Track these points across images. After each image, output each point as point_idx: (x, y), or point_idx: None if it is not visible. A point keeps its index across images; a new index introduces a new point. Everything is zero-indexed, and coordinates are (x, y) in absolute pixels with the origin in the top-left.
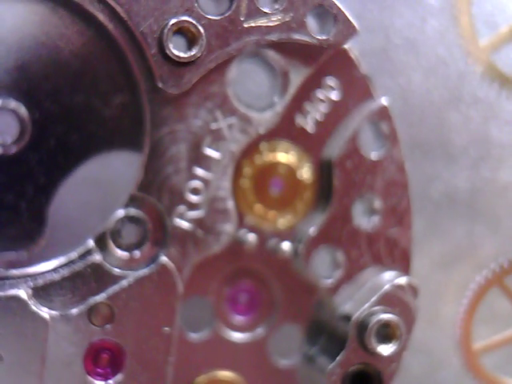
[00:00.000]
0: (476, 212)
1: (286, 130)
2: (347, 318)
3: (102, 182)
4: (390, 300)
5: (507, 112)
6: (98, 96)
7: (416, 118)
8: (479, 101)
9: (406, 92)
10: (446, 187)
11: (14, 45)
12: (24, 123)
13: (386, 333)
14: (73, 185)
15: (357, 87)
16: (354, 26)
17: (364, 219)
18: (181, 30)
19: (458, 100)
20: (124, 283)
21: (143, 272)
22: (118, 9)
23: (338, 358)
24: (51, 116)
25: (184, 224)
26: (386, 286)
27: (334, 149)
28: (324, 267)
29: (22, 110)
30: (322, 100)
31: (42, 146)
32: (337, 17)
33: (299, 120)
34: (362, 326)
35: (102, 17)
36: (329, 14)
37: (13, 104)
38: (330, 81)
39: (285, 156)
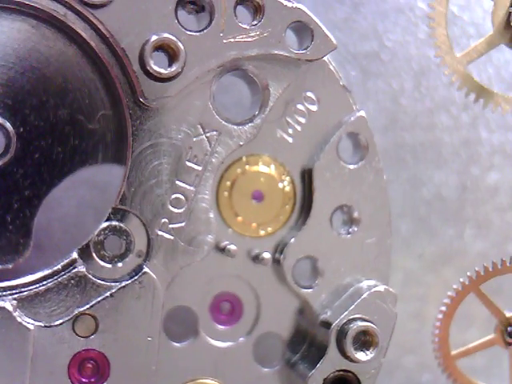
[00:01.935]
0: (466, 213)
1: (266, 141)
2: (327, 325)
3: (86, 195)
4: (369, 308)
5: (497, 115)
6: (81, 110)
7: (408, 121)
8: (470, 104)
9: (398, 95)
10: (437, 189)
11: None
12: (9, 137)
13: (365, 340)
14: (57, 197)
15: (336, 99)
16: (332, 41)
17: (344, 228)
18: (161, 47)
19: (449, 103)
20: (107, 294)
21: (126, 283)
22: (100, 26)
23: (318, 365)
24: (36, 130)
25: (166, 235)
26: (365, 294)
27: (313, 159)
28: (305, 276)
29: (7, 125)
30: (301, 111)
31: (26, 160)
32: (314, 32)
33: (279, 131)
34: (341, 334)
35: (84, 34)
36: (307, 29)
37: None
38: (310, 93)
39: (266, 168)
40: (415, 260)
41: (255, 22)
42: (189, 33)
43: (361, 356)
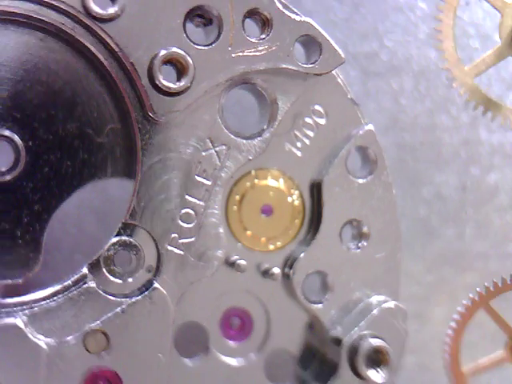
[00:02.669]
0: (466, 213)
1: (275, 155)
2: (337, 341)
3: (96, 209)
4: (379, 324)
5: None
6: (89, 124)
7: (408, 121)
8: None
9: (398, 95)
10: (437, 189)
11: (8, 75)
12: (18, 151)
13: (377, 357)
14: (67, 212)
15: (344, 112)
16: (340, 55)
17: (353, 243)
18: (170, 61)
19: (449, 103)
20: (118, 310)
21: (137, 299)
22: (109, 40)
23: (329, 382)
24: (45, 144)
25: (176, 251)
26: (375, 311)
27: (322, 173)
28: (314, 290)
29: (16, 139)
30: (310, 125)
31: (36, 174)
32: (323, 46)
33: (288, 145)
34: (353, 351)
35: (92, 47)
36: (315, 43)
37: (7, 133)
38: (318, 106)
39: (275, 182)
40: (415, 260)
41: (263, 36)
42: (197, 47)
43: (372, 374)
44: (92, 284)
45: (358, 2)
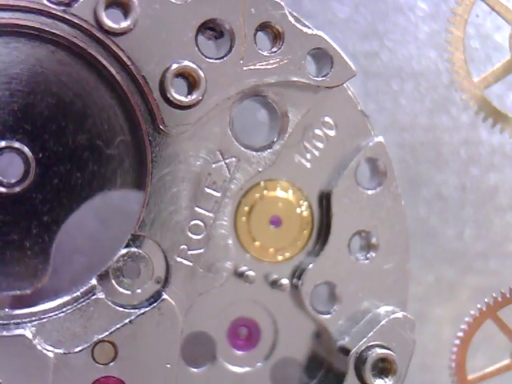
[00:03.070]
0: (466, 213)
1: (284, 166)
2: (345, 351)
3: (105, 221)
4: (387, 335)
5: None
6: (100, 136)
7: (408, 121)
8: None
9: (398, 95)
10: (437, 189)
11: (19, 87)
12: (28, 163)
13: (383, 367)
14: (76, 223)
15: (354, 124)
16: (351, 68)
17: (362, 254)
18: (182, 74)
19: (449, 103)
20: (127, 321)
21: (145, 310)
22: (121, 53)
23: None
24: (55, 156)
25: (185, 262)
26: (383, 321)
27: (331, 184)
28: (322, 301)
29: (26, 150)
30: (319, 136)
31: (45, 186)
32: (334, 59)
33: (297, 156)
34: (360, 361)
35: (105, 61)
36: (326, 56)
37: (17, 144)
38: (328, 118)
39: (284, 193)
40: (415, 260)
41: (275, 49)
42: (209, 60)
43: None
44: (101, 295)
45: (358, 1)
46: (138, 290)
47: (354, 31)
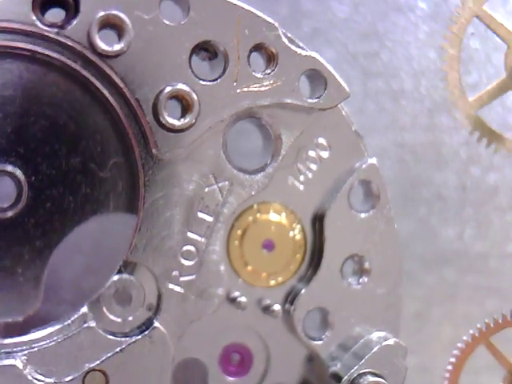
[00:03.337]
0: (466, 213)
1: (277, 189)
2: (337, 378)
3: (98, 245)
4: (379, 362)
5: (497, 114)
6: (93, 158)
7: (408, 121)
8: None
9: (398, 95)
10: (437, 189)
11: (12, 109)
12: (20, 186)
13: None
14: (68, 248)
15: (347, 145)
16: (345, 89)
17: (354, 278)
18: (176, 97)
19: (449, 103)
20: (117, 350)
21: (137, 338)
22: (114, 77)
23: None
24: (47, 179)
25: (177, 289)
26: (375, 348)
27: (324, 207)
28: (314, 326)
29: (19, 174)
30: (313, 158)
31: (38, 210)
32: (328, 80)
33: (291, 179)
34: None
35: (98, 84)
36: (320, 77)
37: (9, 168)
38: (322, 139)
39: (277, 216)
40: (415, 260)
41: (269, 71)
42: (203, 83)
43: None
44: (92, 323)
45: (358, 1)
46: (130, 318)
47: (354, 31)
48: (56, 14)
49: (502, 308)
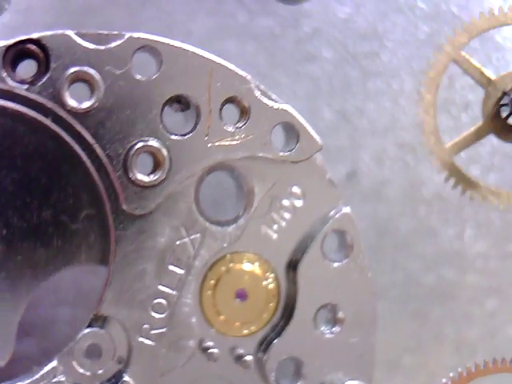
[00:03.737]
0: (466, 213)
1: (251, 239)
2: None
3: (69, 298)
4: None
5: None
6: (65, 211)
7: (408, 121)
8: (470, 104)
9: (397, 95)
10: (437, 189)
11: None
12: None
13: None
14: (38, 301)
15: (321, 193)
16: (318, 142)
17: (327, 327)
18: (146, 152)
19: (449, 103)
20: None
21: None
22: (84, 133)
23: None
24: (19, 232)
25: (147, 342)
26: None
27: (298, 256)
28: (287, 376)
29: None
30: (286, 207)
31: (8, 263)
32: (300, 133)
33: (264, 228)
34: None
35: (68, 139)
36: (292, 130)
37: None
38: (296, 187)
39: (250, 265)
40: (415, 260)
41: (240, 125)
42: (174, 137)
43: None
44: (62, 378)
45: (357, 1)
46: (100, 371)
47: (354, 31)
48: (28, 67)
49: (502, 308)
